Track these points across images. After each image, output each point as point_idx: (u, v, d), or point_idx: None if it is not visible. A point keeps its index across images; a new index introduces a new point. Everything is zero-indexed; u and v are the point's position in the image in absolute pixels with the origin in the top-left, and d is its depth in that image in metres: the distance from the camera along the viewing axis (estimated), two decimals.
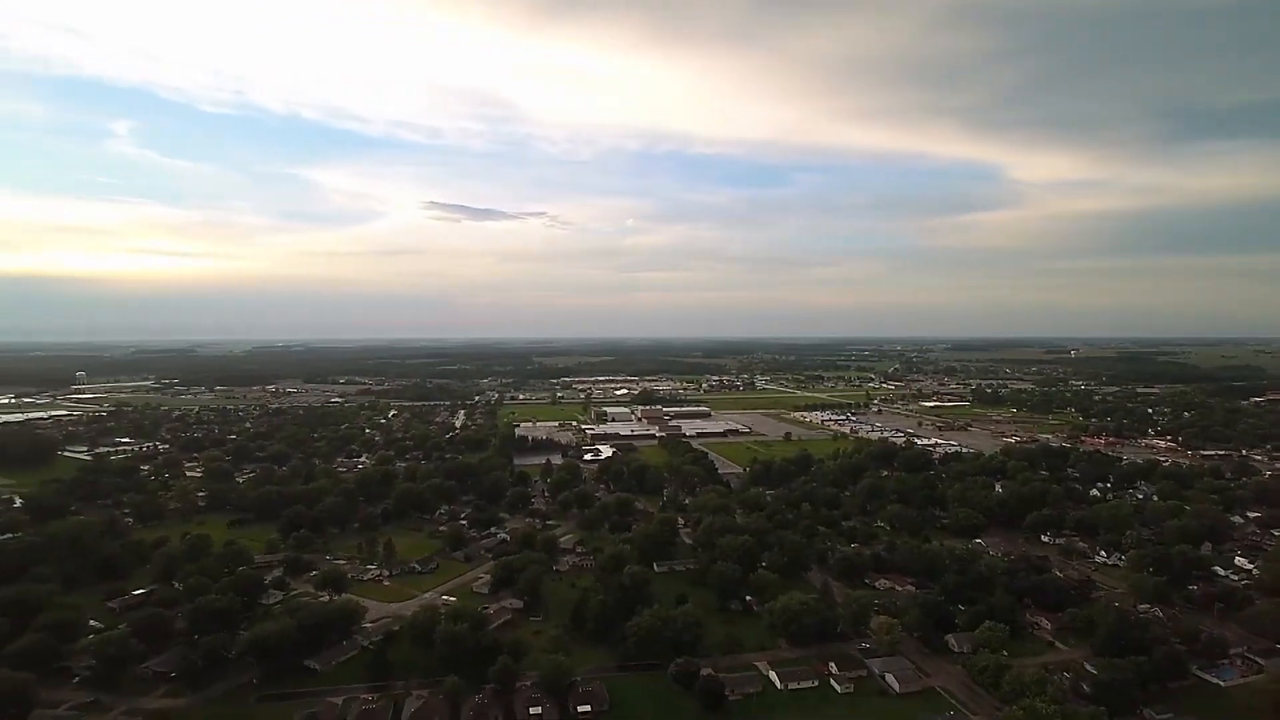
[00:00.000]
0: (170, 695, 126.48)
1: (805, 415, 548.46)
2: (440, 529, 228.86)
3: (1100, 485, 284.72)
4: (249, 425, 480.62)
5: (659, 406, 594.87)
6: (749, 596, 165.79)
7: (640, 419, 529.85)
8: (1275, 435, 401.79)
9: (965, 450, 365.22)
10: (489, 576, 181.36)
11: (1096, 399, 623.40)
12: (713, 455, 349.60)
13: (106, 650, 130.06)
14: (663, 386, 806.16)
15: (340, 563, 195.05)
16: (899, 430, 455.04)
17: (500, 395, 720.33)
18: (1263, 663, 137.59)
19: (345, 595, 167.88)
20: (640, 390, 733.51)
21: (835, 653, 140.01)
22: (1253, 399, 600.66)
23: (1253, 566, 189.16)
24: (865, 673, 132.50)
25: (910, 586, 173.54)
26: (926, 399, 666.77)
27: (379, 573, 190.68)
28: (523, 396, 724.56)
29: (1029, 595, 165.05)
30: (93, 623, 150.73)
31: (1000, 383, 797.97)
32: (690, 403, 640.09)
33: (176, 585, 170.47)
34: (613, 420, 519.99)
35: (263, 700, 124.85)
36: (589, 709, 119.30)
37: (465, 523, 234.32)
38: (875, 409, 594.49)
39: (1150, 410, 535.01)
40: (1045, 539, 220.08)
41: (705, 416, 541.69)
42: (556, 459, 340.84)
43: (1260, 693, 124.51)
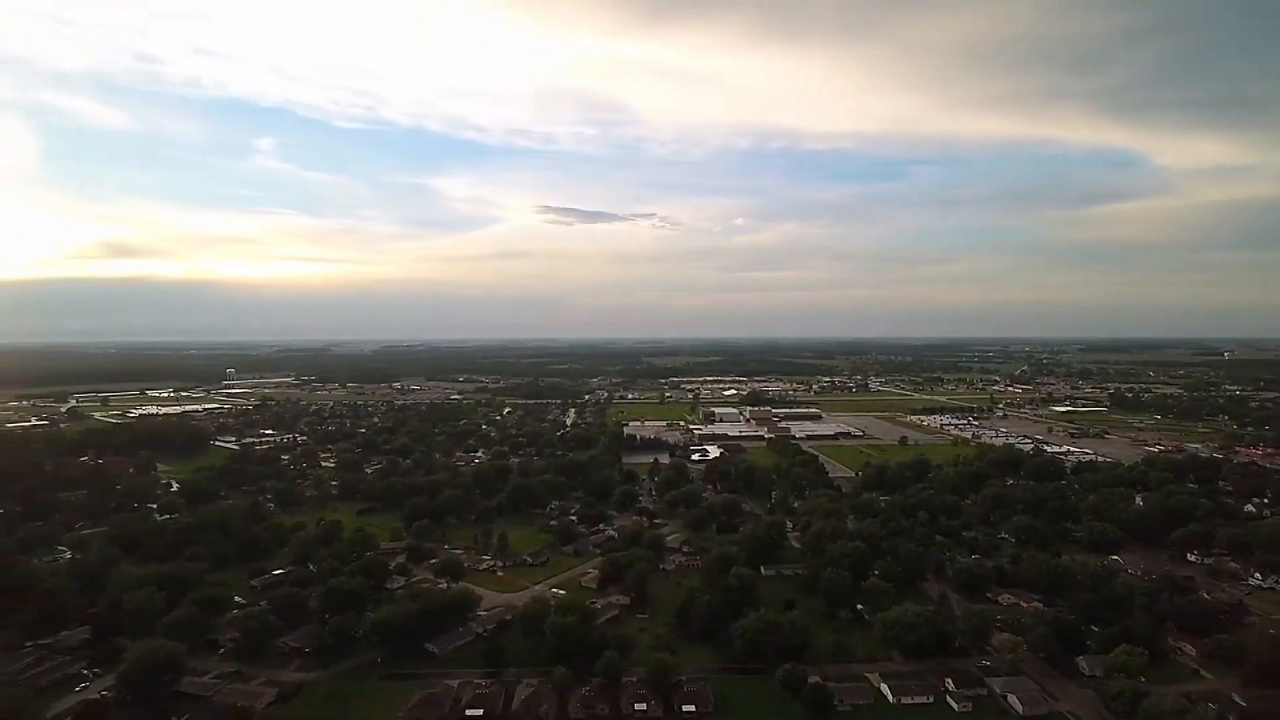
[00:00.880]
0: (304, 669, 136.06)
1: (923, 419, 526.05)
2: (551, 524, 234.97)
3: (1256, 500, 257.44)
4: (376, 420, 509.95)
5: (767, 408, 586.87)
6: (860, 605, 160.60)
7: (748, 420, 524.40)
8: None
9: (1101, 459, 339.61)
10: (597, 572, 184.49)
11: (1253, 405, 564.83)
12: (823, 458, 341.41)
13: (249, 625, 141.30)
14: (772, 387, 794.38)
15: (457, 552, 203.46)
16: (1026, 436, 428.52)
17: (609, 394, 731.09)
18: None
19: (462, 583, 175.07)
20: (749, 391, 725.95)
21: (953, 669, 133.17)
22: None
23: None
24: (985, 692, 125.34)
25: (1037, 603, 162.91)
26: (1058, 403, 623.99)
27: (493, 563, 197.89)
28: (631, 396, 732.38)
29: (1171, 618, 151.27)
30: (237, 599, 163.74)
31: (1142, 387, 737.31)
32: (800, 404, 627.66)
33: (311, 567, 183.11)
34: (720, 421, 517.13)
35: (385, 678, 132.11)
36: (694, 709, 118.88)
37: (575, 518, 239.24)
38: (1000, 413, 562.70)
39: None
40: (1191, 558, 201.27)
41: (815, 418, 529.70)
42: (664, 458, 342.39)
43: None
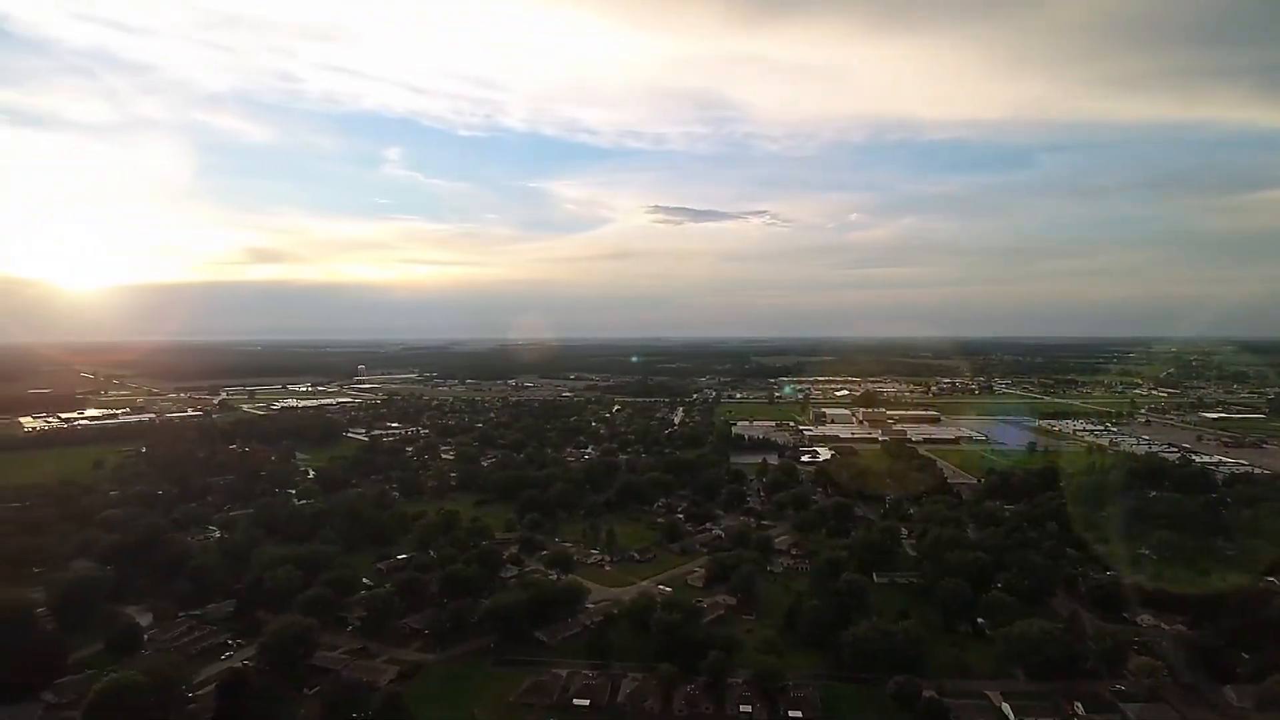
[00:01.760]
0: (423, 650, 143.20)
1: (1053, 424, 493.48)
2: (658, 521, 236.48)
3: None
4: (493, 415, 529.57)
5: (882, 409, 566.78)
6: (980, 619, 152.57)
7: (861, 421, 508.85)
8: None
9: (1259, 471, 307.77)
10: (703, 571, 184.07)
11: None
12: (941, 463, 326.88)
13: (375, 605, 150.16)
14: (887, 388, 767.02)
15: (567, 546, 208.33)
16: (1172, 445, 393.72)
17: (717, 393, 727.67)
18: None
19: (571, 576, 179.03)
20: (862, 392, 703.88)
21: (1082, 691, 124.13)
22: None
23: None
24: (1118, 718, 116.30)
25: (1179, 626, 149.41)
26: (1208, 409, 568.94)
27: (601, 558, 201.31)
28: (740, 395, 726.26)
29: None
30: (365, 581, 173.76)
31: None
32: (917, 406, 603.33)
33: (431, 554, 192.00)
34: (832, 422, 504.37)
35: (498, 664, 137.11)
36: (800, 715, 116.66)
37: (681, 516, 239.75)
38: (1142, 419, 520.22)
39: None
40: None
41: (934, 421, 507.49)
42: (773, 459, 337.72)
43: None
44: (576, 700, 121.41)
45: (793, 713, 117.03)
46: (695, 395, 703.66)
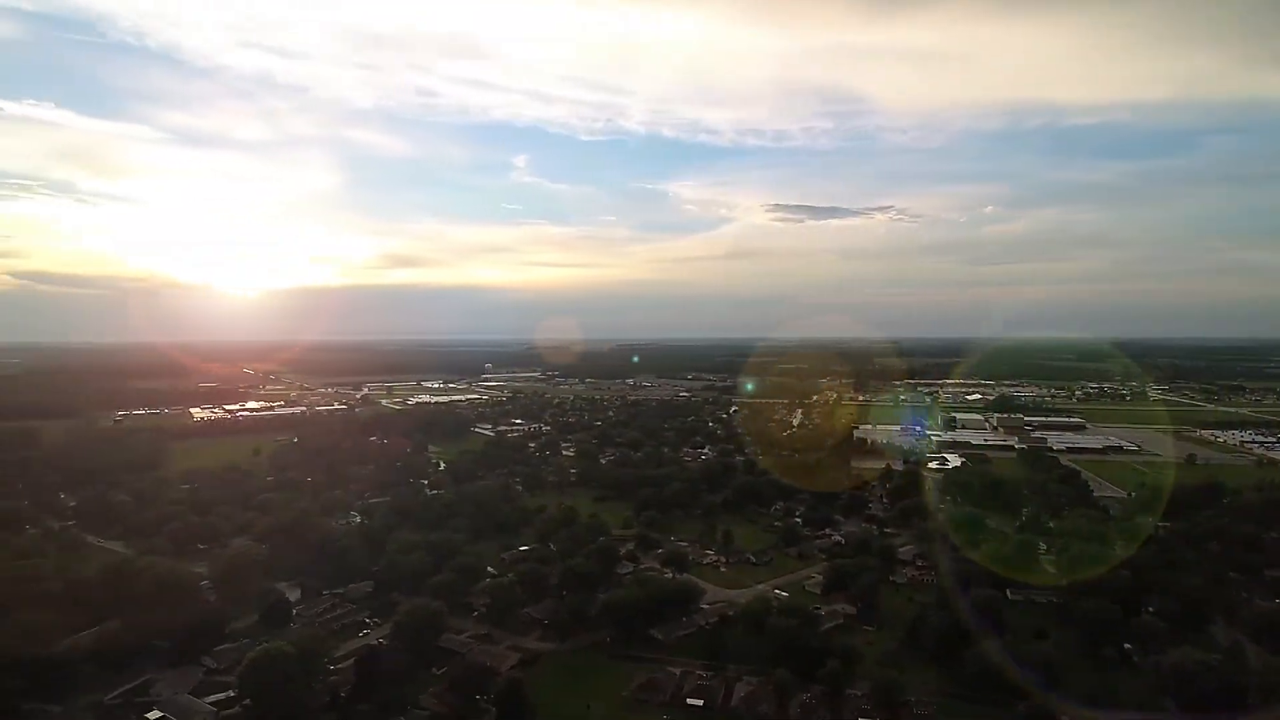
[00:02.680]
0: (543, 639, 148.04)
1: (1217, 434, 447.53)
2: (775, 524, 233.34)
3: None
4: (611, 414, 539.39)
5: (1019, 415, 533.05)
6: (1127, 644, 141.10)
7: (995, 427, 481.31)
8: None
9: None
10: (821, 577, 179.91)
11: None
12: (1085, 474, 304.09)
13: (498, 594, 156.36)
14: (1024, 392, 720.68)
15: (683, 545, 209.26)
16: None
17: (839, 395, 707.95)
18: None
19: (686, 575, 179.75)
20: (996, 396, 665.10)
21: None
22: None
23: None
24: None
25: None
26: None
27: (716, 558, 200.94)
28: (863, 398, 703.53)
29: None
30: (489, 569, 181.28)
31: None
32: (1059, 413, 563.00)
33: (551, 546, 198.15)
34: (962, 427, 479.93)
35: (613, 658, 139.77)
36: None
37: (799, 520, 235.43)
38: None
39: None
40: None
41: (1078, 429, 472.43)
42: (897, 464, 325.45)
43: None
44: (690, 700, 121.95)
45: None
46: (815, 397, 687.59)
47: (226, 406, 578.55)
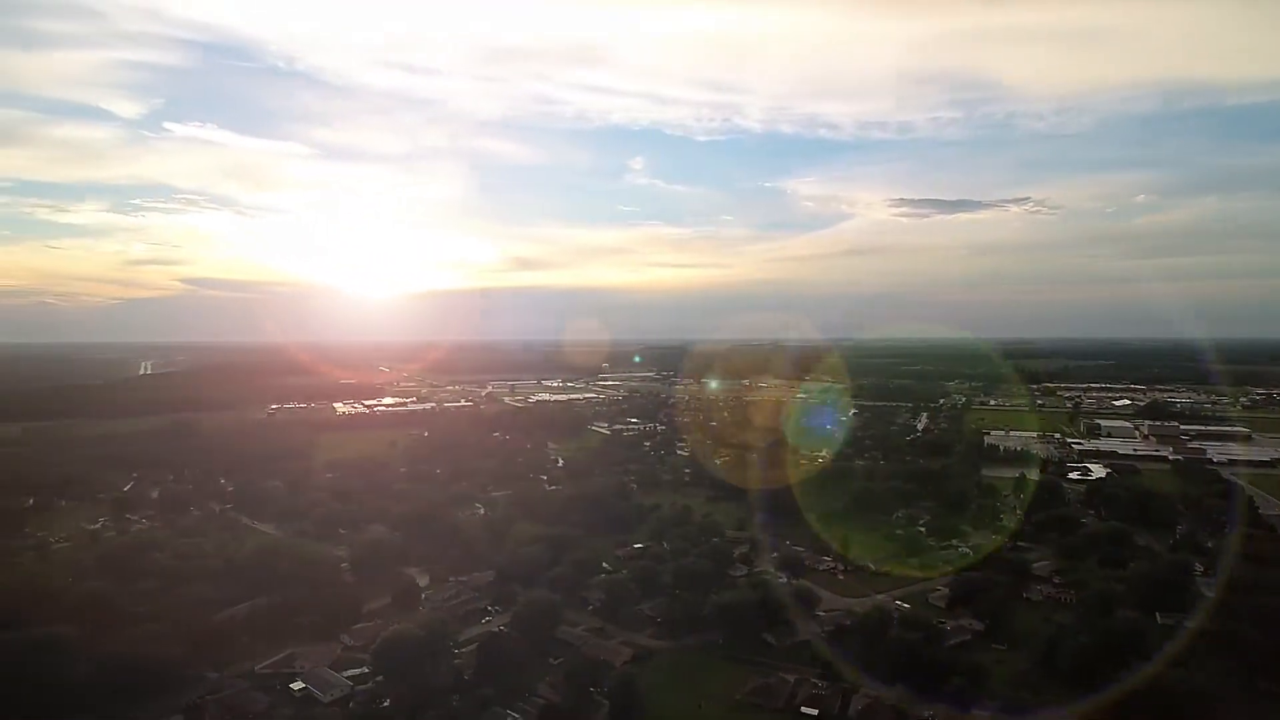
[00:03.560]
0: (655, 636, 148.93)
1: None
2: (896, 532, 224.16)
3: None
4: (725, 414, 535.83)
5: (1173, 423, 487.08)
6: None
7: (1146, 436, 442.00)
8: None
9: None
10: (946, 590, 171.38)
11: None
12: (1251, 489, 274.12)
13: (613, 589, 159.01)
14: (1180, 399, 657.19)
15: (798, 549, 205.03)
16: None
17: (968, 399, 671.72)
18: None
19: (801, 581, 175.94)
20: (1147, 402, 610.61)
21: None
22: None
23: None
24: None
25: None
26: None
27: (833, 565, 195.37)
28: (994, 402, 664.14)
29: None
30: (604, 565, 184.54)
31: None
32: (1221, 421, 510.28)
33: (665, 545, 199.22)
34: (1108, 435, 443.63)
35: (725, 660, 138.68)
36: None
37: (923, 529, 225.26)
38: None
39: None
40: None
41: (1242, 439, 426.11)
42: (1032, 474, 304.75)
43: None
44: (805, 709, 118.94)
45: None
46: (941, 400, 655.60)
47: (365, 402, 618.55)
